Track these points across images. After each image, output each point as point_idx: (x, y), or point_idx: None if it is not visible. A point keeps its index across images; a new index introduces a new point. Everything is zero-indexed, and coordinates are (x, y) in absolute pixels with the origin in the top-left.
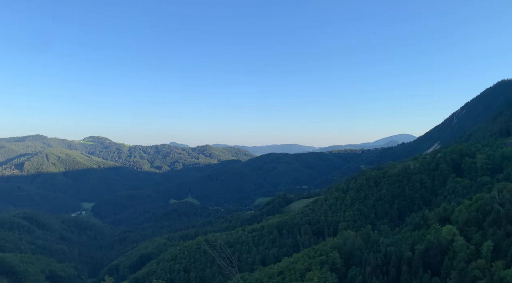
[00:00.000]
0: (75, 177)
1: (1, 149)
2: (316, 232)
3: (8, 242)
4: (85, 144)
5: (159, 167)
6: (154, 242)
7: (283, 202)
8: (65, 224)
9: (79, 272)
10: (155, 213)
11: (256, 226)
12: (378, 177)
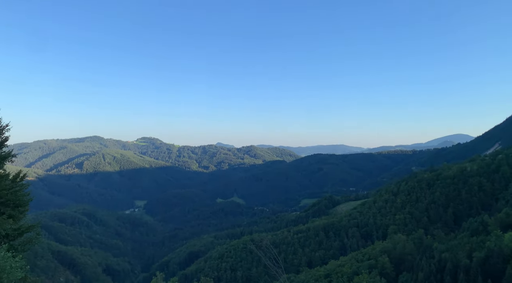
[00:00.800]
0: (128, 176)
1: (63, 150)
2: (364, 235)
3: (70, 236)
4: (138, 144)
5: (206, 167)
6: (202, 240)
7: (329, 204)
8: (120, 220)
9: (133, 266)
10: (203, 212)
11: (301, 228)
12: (431, 179)
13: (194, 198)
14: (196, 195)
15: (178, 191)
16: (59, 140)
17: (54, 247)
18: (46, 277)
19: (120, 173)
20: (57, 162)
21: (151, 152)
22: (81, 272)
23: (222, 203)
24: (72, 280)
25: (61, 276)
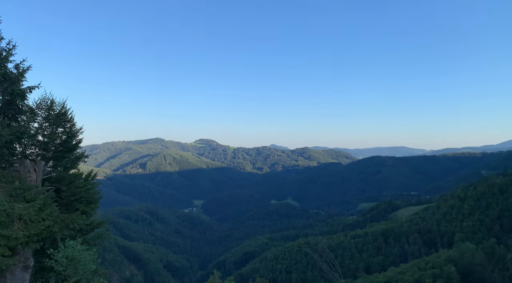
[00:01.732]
0: (187, 176)
1: (129, 151)
2: (427, 242)
3: (134, 232)
4: (196, 146)
5: (260, 168)
6: (257, 240)
7: (388, 208)
8: (179, 219)
9: (191, 264)
10: (257, 212)
11: (359, 232)
12: (505, 184)
13: (249, 199)
14: (251, 196)
15: (233, 192)
16: (124, 142)
17: (120, 242)
18: (114, 270)
19: (179, 173)
20: (123, 162)
21: (207, 153)
22: (144, 267)
23: (276, 205)
24: (136, 274)
25: (126, 270)
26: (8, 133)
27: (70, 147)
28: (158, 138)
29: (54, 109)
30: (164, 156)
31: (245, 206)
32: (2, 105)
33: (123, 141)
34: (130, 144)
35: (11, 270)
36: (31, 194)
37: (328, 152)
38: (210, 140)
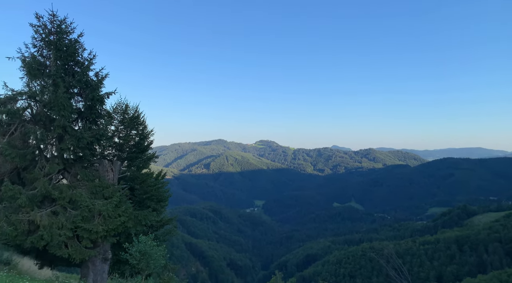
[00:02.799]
0: (248, 176)
1: (194, 152)
2: (510, 253)
3: (199, 230)
4: (256, 147)
5: (322, 170)
6: (319, 243)
7: (463, 214)
8: (241, 218)
9: (253, 263)
10: (319, 215)
11: (429, 239)
12: None
13: (310, 201)
14: (312, 198)
15: (294, 193)
16: (190, 143)
17: (187, 239)
18: (181, 266)
19: (241, 173)
20: (189, 162)
21: (268, 154)
22: (209, 264)
23: (339, 208)
24: (202, 270)
25: (192, 266)
26: (89, 136)
27: (142, 148)
28: (220, 139)
29: (128, 113)
30: (226, 157)
31: (306, 208)
32: (84, 110)
33: (189, 143)
34: (195, 145)
35: (93, 261)
36: (109, 191)
37: (394, 153)
38: (270, 141)
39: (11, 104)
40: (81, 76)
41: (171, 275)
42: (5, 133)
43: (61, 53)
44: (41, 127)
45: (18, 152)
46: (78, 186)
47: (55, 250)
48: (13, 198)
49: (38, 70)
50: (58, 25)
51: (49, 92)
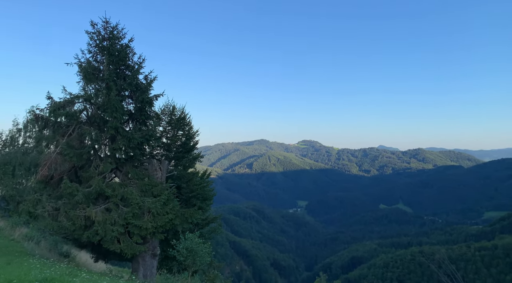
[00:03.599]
0: (291, 176)
1: (237, 152)
2: None
3: (242, 229)
4: (299, 147)
5: (367, 170)
6: (364, 246)
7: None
8: (284, 218)
9: (297, 264)
10: (364, 217)
11: (486, 244)
12: None
13: (355, 202)
14: (357, 199)
15: (338, 194)
16: (233, 143)
17: (231, 238)
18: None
19: (283, 173)
20: (232, 162)
21: (310, 155)
22: (253, 263)
23: (385, 210)
24: (245, 269)
25: (236, 264)
26: (139, 136)
27: (188, 148)
28: (263, 139)
29: (175, 114)
30: (269, 157)
31: (351, 209)
32: (134, 111)
33: (232, 143)
34: (238, 145)
35: (143, 257)
36: (158, 190)
37: (445, 153)
38: (313, 141)
39: (69, 107)
40: (132, 79)
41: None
42: (64, 134)
43: (113, 58)
44: (95, 128)
45: (75, 152)
46: (129, 184)
47: (109, 245)
48: (71, 195)
49: (93, 75)
50: (110, 31)
51: (102, 95)
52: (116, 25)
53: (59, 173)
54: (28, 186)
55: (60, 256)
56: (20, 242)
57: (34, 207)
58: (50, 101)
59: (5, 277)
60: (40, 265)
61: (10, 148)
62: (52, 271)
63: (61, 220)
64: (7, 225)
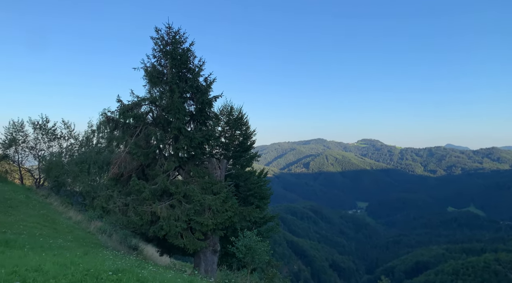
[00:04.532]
0: (350, 177)
1: (293, 151)
2: None
3: (300, 229)
4: (358, 146)
5: (433, 171)
6: (430, 250)
7: None
8: (343, 219)
9: (357, 266)
10: (431, 220)
11: None
12: None
13: (420, 204)
14: (422, 201)
15: (401, 195)
16: (289, 143)
17: (288, 237)
18: (283, 263)
19: (342, 173)
20: (288, 162)
21: (371, 154)
22: (311, 264)
23: (454, 213)
24: (304, 269)
25: (294, 264)
26: (200, 136)
27: (245, 147)
28: (320, 138)
29: (233, 115)
30: (326, 156)
31: (415, 211)
32: (195, 112)
33: (288, 142)
34: (294, 144)
35: (204, 252)
36: (217, 187)
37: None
38: (373, 140)
39: (136, 109)
40: (193, 81)
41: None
42: (132, 134)
43: (176, 62)
44: (160, 129)
45: (143, 151)
46: (191, 182)
47: (173, 239)
48: (139, 192)
49: (158, 78)
50: (173, 36)
51: (166, 98)
52: (178, 30)
53: (128, 171)
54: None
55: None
56: (95, 235)
57: (107, 202)
58: (119, 104)
59: (83, 266)
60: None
61: (85, 148)
62: (123, 262)
63: (130, 215)
64: (84, 219)
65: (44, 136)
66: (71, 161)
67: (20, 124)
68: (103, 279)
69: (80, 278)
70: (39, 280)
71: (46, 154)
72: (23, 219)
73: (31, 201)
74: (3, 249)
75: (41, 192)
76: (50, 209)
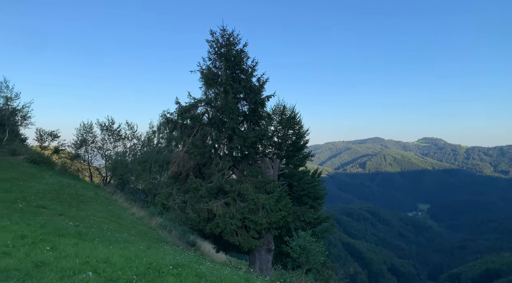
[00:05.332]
0: (409, 177)
1: (348, 151)
2: None
3: (356, 230)
4: (419, 145)
5: (505, 171)
6: (503, 257)
7: None
8: (402, 222)
9: (418, 271)
10: (502, 224)
11: None
12: None
13: (489, 207)
14: (492, 204)
15: (467, 197)
16: (344, 142)
17: (344, 239)
18: (339, 265)
19: (401, 174)
20: (343, 161)
21: (433, 153)
22: (368, 267)
23: None
24: (360, 272)
25: (350, 266)
26: (253, 136)
27: (298, 147)
28: (377, 137)
29: (285, 114)
30: (384, 156)
31: (484, 215)
32: (248, 112)
33: (343, 141)
34: (349, 144)
35: (259, 251)
36: (270, 187)
37: None
38: (435, 139)
39: (193, 110)
40: (246, 82)
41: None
42: (189, 134)
43: (230, 63)
44: (215, 129)
45: (199, 150)
46: (245, 181)
47: (228, 237)
48: (196, 190)
49: (213, 80)
50: (227, 39)
51: (221, 99)
52: (232, 32)
53: (186, 170)
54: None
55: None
56: (156, 230)
57: (167, 199)
58: (178, 105)
59: (146, 260)
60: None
61: (147, 147)
62: (182, 257)
63: (188, 212)
64: (146, 215)
65: (110, 136)
66: (134, 160)
67: (89, 126)
68: (165, 272)
69: (143, 271)
70: (108, 271)
71: (112, 153)
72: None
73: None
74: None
75: (108, 189)
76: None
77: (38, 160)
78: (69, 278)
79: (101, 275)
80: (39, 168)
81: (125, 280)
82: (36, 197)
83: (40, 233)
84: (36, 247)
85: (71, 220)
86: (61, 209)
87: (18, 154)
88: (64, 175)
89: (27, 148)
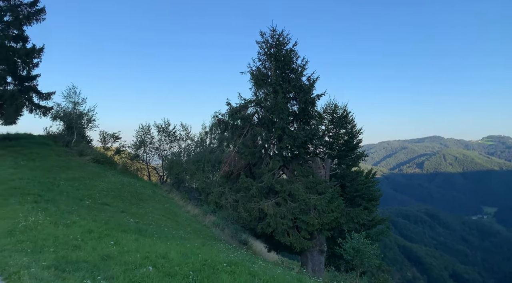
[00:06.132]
0: (473, 178)
1: (404, 150)
2: None
3: (413, 233)
4: (484, 144)
5: None
6: None
7: None
8: (465, 225)
9: (484, 279)
10: None
11: None
12: None
13: None
14: None
15: None
16: (400, 141)
17: (400, 242)
18: (395, 269)
19: (463, 174)
20: (399, 161)
21: (500, 153)
22: (427, 272)
23: None
24: (419, 277)
25: (408, 271)
26: (303, 135)
27: (351, 146)
28: (435, 136)
29: (337, 113)
30: (444, 155)
31: None
32: (298, 112)
33: (398, 140)
34: (405, 143)
35: (311, 251)
36: (322, 187)
37: None
38: (503, 137)
39: (243, 111)
40: (296, 81)
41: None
42: (240, 135)
43: (279, 63)
44: (265, 129)
45: (250, 150)
46: (295, 181)
47: (280, 237)
48: (247, 189)
49: (262, 80)
50: (277, 39)
51: (270, 99)
52: (281, 31)
53: (237, 169)
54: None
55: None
56: (209, 228)
57: (219, 198)
58: (228, 106)
59: (201, 257)
60: (226, 249)
61: (200, 148)
62: (235, 255)
63: (239, 211)
64: (200, 213)
65: (166, 138)
66: (188, 160)
67: (148, 128)
68: (219, 270)
69: (199, 267)
70: (166, 266)
71: (168, 153)
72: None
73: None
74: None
75: (165, 188)
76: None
77: (102, 160)
78: (132, 272)
79: (160, 270)
80: (103, 167)
81: (182, 276)
82: (100, 195)
83: (105, 229)
84: (101, 241)
85: (131, 216)
86: (122, 206)
87: (84, 154)
88: (125, 174)
89: (92, 149)
